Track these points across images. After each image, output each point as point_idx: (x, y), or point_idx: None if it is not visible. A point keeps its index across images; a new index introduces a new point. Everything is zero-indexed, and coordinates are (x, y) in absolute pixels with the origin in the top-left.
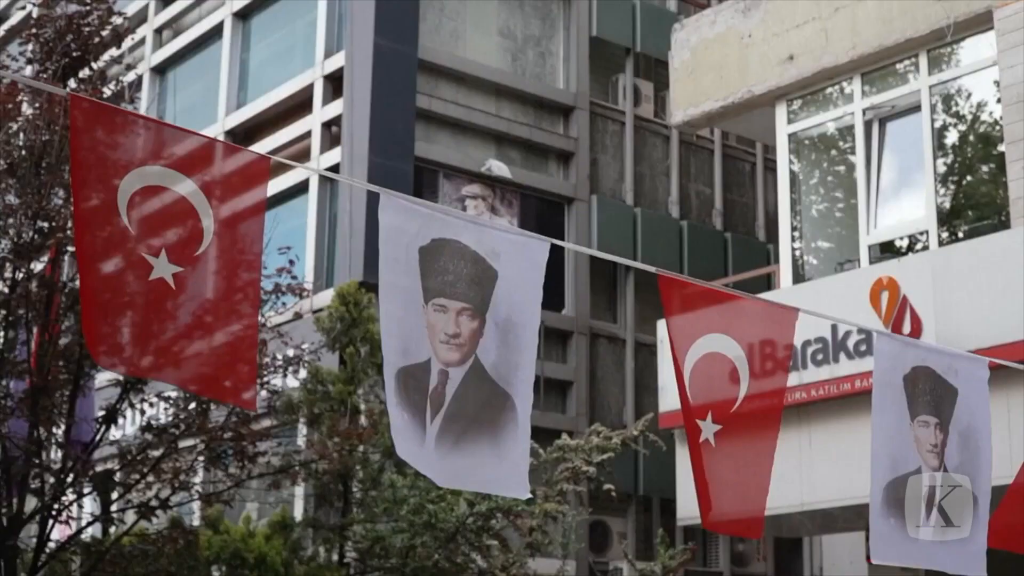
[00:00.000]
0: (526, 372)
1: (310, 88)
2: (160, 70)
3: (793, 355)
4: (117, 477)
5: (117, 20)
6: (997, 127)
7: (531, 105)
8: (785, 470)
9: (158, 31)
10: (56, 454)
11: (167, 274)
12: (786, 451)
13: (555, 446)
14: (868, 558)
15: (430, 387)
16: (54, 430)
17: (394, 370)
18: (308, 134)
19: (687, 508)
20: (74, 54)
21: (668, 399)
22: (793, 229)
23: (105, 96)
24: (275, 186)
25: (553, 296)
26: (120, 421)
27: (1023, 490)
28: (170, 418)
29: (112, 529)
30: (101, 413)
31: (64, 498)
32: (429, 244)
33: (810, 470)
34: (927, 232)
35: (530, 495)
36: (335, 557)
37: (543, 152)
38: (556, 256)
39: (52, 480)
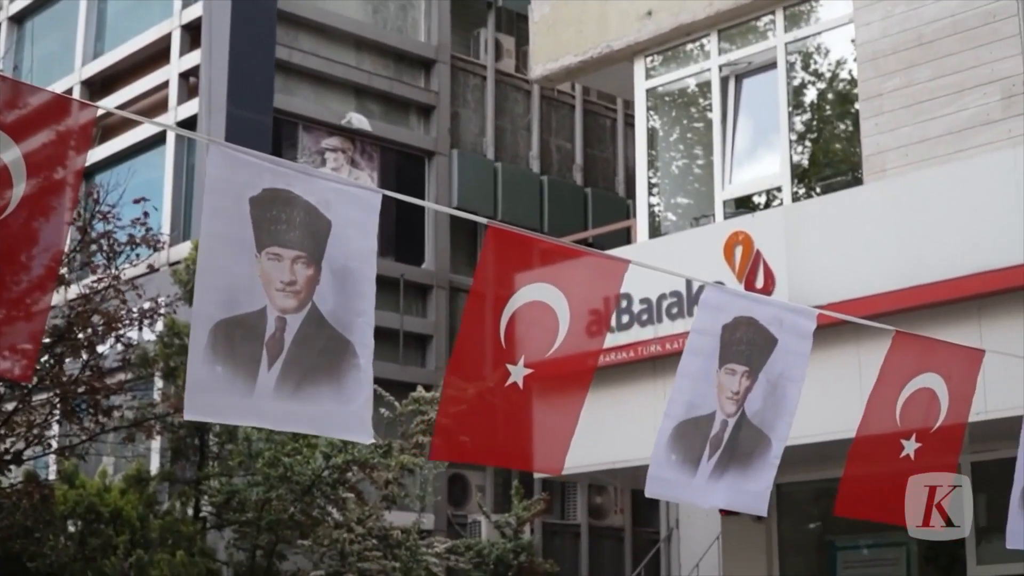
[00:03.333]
0: (366, 319)
1: (167, 38)
2: (18, 19)
3: (648, 309)
4: None
5: None
6: (854, 85)
7: (392, 58)
8: (641, 422)
9: None
10: None
11: None
12: (641, 404)
13: (410, 398)
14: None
15: (267, 335)
16: None
17: (210, 324)
18: (165, 84)
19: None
20: None
21: None
22: (652, 185)
23: None
24: (132, 137)
25: (413, 250)
26: None
27: (866, 456)
28: None
29: None
30: None
31: None
32: (260, 194)
33: None
34: (781, 188)
35: (372, 439)
36: (191, 511)
37: (404, 105)
38: (416, 210)
39: None
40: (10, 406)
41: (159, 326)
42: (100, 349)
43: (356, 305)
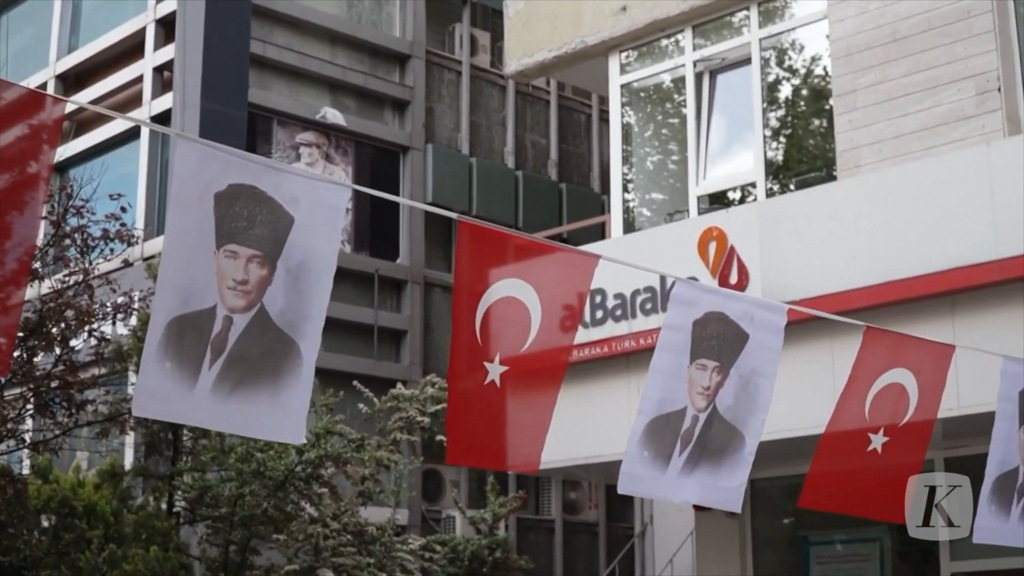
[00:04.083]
0: (316, 319)
1: (142, 32)
2: None
3: (622, 304)
4: None
5: None
6: (828, 81)
7: (367, 53)
8: (614, 418)
9: None
10: None
11: None
12: (615, 399)
13: (389, 395)
14: (695, 506)
15: (213, 333)
16: None
17: (167, 319)
18: (140, 79)
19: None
20: None
21: None
22: (627, 180)
23: None
24: (106, 132)
25: (388, 245)
26: None
27: (833, 449)
28: None
29: None
30: None
31: None
32: (225, 190)
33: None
34: (756, 184)
35: (304, 441)
36: (164, 506)
37: (378, 100)
38: (391, 205)
39: None
40: None
41: (133, 321)
42: (73, 344)
43: (308, 307)
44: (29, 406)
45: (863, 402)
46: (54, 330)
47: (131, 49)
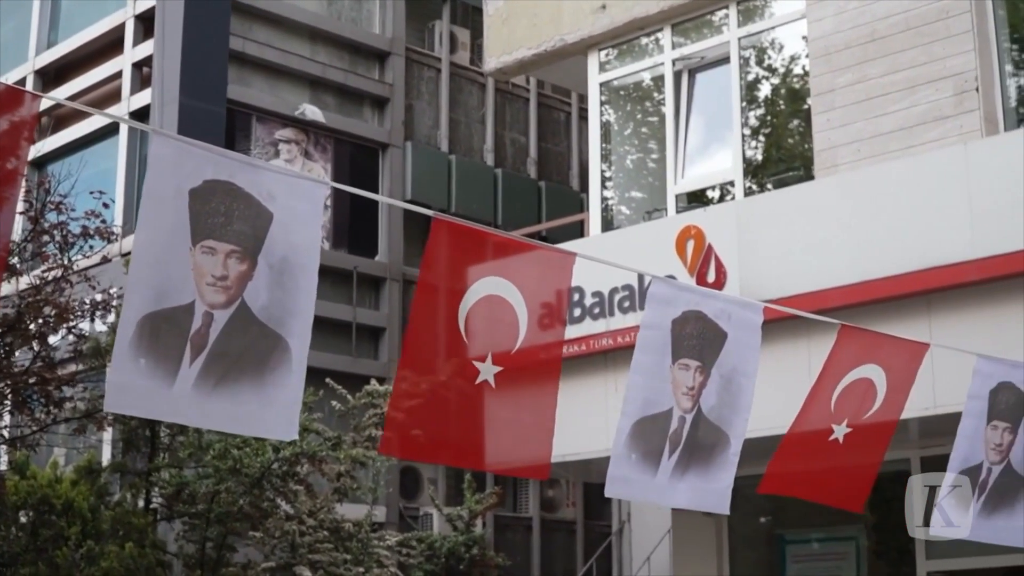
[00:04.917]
0: (304, 314)
1: (121, 28)
2: None
3: (600, 302)
4: None
5: None
6: (806, 80)
7: (346, 50)
8: (592, 416)
9: None
10: None
11: None
12: (593, 397)
13: (363, 392)
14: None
15: (192, 329)
16: None
17: (139, 316)
18: (119, 75)
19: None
20: None
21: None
22: (606, 178)
23: None
24: (85, 127)
25: (366, 242)
26: None
27: (797, 439)
28: None
29: None
30: None
31: None
32: (201, 186)
33: (616, 415)
34: (734, 183)
35: (296, 437)
36: (142, 503)
37: (358, 97)
38: (370, 202)
39: None
40: None
41: (111, 317)
42: (52, 340)
43: (293, 302)
44: (7, 402)
45: (831, 395)
46: (32, 326)
47: (110, 45)
